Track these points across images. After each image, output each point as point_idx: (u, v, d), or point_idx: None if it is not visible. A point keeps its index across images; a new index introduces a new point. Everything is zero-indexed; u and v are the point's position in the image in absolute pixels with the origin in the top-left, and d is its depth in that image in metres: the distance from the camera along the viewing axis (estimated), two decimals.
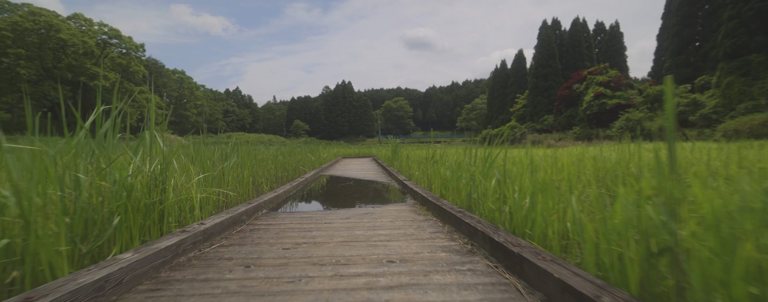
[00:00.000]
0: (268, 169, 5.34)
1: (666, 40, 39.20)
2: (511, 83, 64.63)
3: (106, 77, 35.42)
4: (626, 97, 36.00)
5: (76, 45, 32.33)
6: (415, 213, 3.14)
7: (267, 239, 2.16)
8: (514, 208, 1.92)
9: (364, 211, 3.22)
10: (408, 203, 3.80)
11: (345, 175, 7.00)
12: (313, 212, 3.22)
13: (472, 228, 2.01)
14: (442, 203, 2.86)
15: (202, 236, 1.90)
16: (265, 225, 2.62)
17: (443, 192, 3.66)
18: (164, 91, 70.37)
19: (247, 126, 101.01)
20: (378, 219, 2.82)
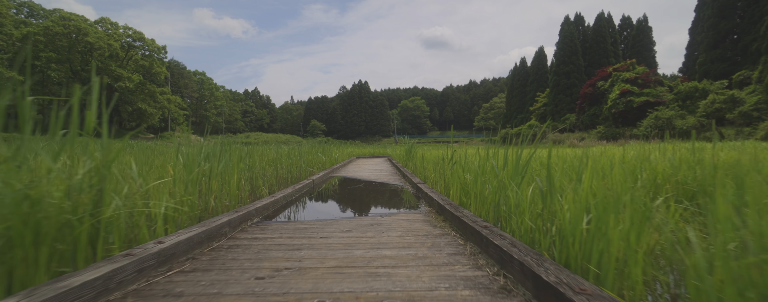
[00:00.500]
0: (270, 171, 4.96)
1: (700, 33, 36.95)
2: (531, 81, 62.79)
3: (130, 79, 36.43)
4: (655, 95, 34.11)
5: (102, 48, 33.34)
6: (429, 224, 2.66)
7: (242, 262, 1.73)
8: (566, 230, 1.40)
9: (369, 221, 2.76)
10: (422, 211, 3.31)
11: (356, 177, 6.57)
12: (311, 222, 2.78)
13: (504, 253, 1.52)
14: (462, 214, 2.36)
15: (154, 260, 1.48)
16: (250, 239, 2.20)
17: (463, 200, 3.15)
18: (185, 92, 72.29)
19: (265, 126, 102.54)
20: (385, 233, 2.35)
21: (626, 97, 35.11)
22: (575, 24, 50.40)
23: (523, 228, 1.77)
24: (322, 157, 7.92)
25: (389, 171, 7.89)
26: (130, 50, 38.93)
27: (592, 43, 47.60)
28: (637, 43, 45.71)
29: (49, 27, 30.59)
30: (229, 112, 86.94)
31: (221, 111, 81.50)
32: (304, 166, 6.08)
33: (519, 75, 68.12)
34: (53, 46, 31.17)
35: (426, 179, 5.63)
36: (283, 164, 5.69)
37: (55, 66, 31.32)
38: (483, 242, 1.82)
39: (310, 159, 7.00)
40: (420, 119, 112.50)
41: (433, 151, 10.90)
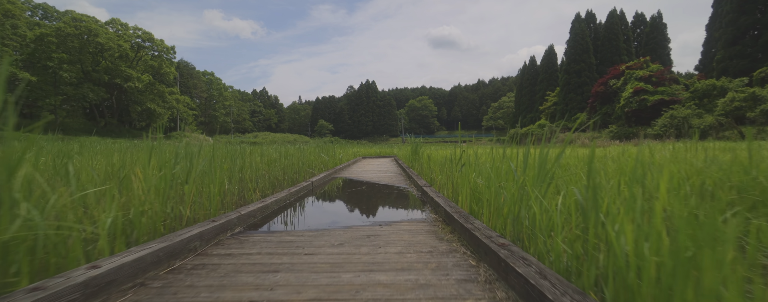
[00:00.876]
0: (267, 172, 4.65)
1: (717, 29, 35.75)
2: (540, 80, 61.77)
3: (139, 79, 36.70)
4: (670, 93, 33.09)
5: (112, 48, 33.63)
6: (435, 236, 2.30)
7: (199, 290, 1.39)
8: (623, 263, 1.01)
9: (366, 232, 2.41)
10: (427, 219, 2.95)
11: (359, 178, 6.22)
12: (300, 232, 2.44)
13: (531, 286, 1.15)
14: (473, 225, 2.00)
15: (79, 293, 1.15)
16: (222, 256, 1.86)
17: (474, 208, 2.77)
18: (194, 92, 72.96)
19: (273, 126, 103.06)
20: (382, 249, 2.00)
21: (640, 95, 34.14)
22: (586, 21, 49.34)
23: (555, 252, 1.39)
24: (325, 157, 7.59)
25: (394, 172, 7.53)
26: (140, 51, 39.27)
27: (604, 41, 46.52)
28: (650, 41, 44.51)
29: (61, 28, 30.95)
30: (238, 112, 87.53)
31: (230, 111, 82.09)
32: (304, 167, 5.76)
33: (528, 74, 67.12)
34: (65, 46, 31.54)
35: (432, 181, 5.26)
36: (282, 165, 5.38)
37: (67, 66, 31.68)
38: (501, 266, 1.45)
39: (311, 160, 6.68)
40: (428, 119, 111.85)
41: (440, 150, 10.49)
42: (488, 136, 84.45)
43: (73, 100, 33.18)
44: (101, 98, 34.01)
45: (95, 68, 34.49)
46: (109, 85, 36.48)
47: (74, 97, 32.54)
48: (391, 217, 3.21)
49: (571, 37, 48.10)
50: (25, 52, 30.48)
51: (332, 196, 4.81)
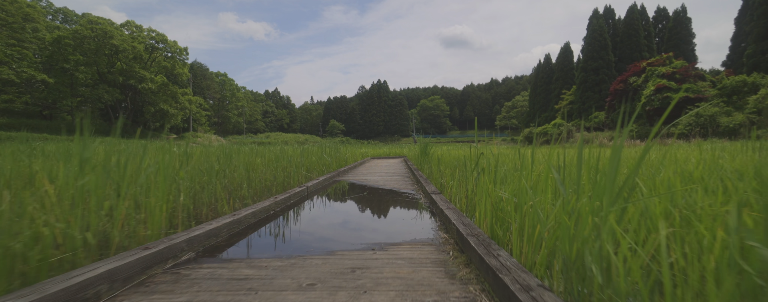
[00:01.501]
0: (258, 176, 4.10)
1: (749, 22, 33.84)
2: (555, 78, 60.06)
3: (153, 80, 37.06)
4: (696, 90, 31.41)
5: (127, 50, 33.99)
6: (444, 271, 1.67)
7: None
8: None
9: (351, 263, 1.80)
10: (434, 239, 2.33)
11: (362, 182, 5.62)
12: (264, 263, 1.84)
13: None
14: (499, 261, 1.39)
15: None
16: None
17: (497, 231, 2.12)
18: (208, 93, 73.89)
19: (285, 126, 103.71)
20: (366, 296, 1.40)
21: (662, 93, 32.57)
22: (604, 17, 47.64)
23: None
24: (328, 159, 7.03)
25: (402, 174, 6.92)
26: (154, 52, 39.70)
27: (623, 37, 44.77)
28: (674, 36, 42.56)
29: (78, 31, 31.40)
30: (250, 113, 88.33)
31: (242, 111, 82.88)
32: (302, 171, 5.20)
33: (543, 72, 65.41)
34: (81, 49, 32.02)
35: (442, 187, 4.63)
36: (280, 166, 4.84)
37: (84, 68, 32.17)
38: None
39: (312, 162, 6.13)
40: (440, 118, 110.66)
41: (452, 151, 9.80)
42: (501, 136, 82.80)
43: (89, 101, 33.72)
44: (116, 99, 34.45)
45: (110, 70, 34.95)
46: (123, 87, 36.99)
47: (90, 98, 33.04)
48: (389, 236, 2.60)
49: (589, 34, 46.49)
50: (44, 54, 31.08)
51: (326, 205, 4.23)
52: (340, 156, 8.50)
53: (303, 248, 2.24)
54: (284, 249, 2.22)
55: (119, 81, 35.12)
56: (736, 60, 36.39)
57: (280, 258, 1.94)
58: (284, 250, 2.18)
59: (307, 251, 2.14)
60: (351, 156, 10.76)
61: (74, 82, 31.71)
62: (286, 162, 5.22)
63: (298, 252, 2.09)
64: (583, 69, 46.38)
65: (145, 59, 38.15)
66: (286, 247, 2.27)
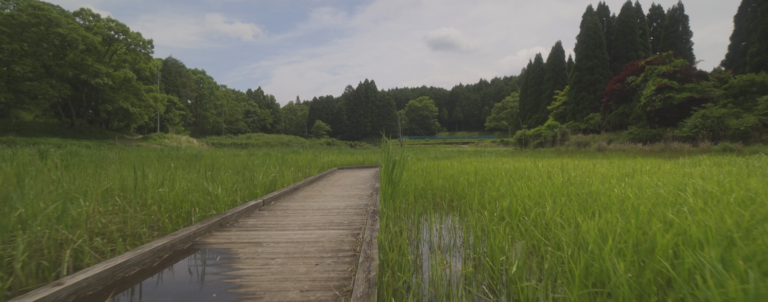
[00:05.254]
0: None
1: (750, 20, 32.23)
2: (547, 79, 58.22)
3: (110, 75, 33.30)
4: (700, 90, 29.52)
5: (76, 40, 30.21)
6: None
7: None
8: None
9: None
10: None
11: (236, 256, 2.79)
12: None
13: None
14: None
15: None
16: None
17: None
18: (183, 91, 69.59)
19: (268, 126, 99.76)
20: None
21: (664, 93, 30.60)
22: (598, 15, 45.88)
23: None
24: (215, 190, 4.07)
25: (356, 209, 4.13)
26: (113, 44, 35.86)
27: (618, 35, 43.05)
28: (670, 34, 40.96)
29: (14, 16, 27.55)
30: (230, 112, 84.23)
31: (221, 111, 78.77)
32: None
33: (534, 72, 63.64)
34: (21, 37, 28.15)
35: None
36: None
37: (25, 60, 28.24)
38: None
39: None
40: (428, 119, 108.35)
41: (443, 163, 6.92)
42: (491, 138, 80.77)
43: (30, 97, 29.77)
44: (64, 95, 30.56)
45: (58, 62, 31.04)
46: (77, 82, 33.09)
47: (30, 94, 29.10)
48: None
49: (583, 32, 44.63)
50: None
51: None
52: (255, 179, 5.50)
53: None
54: None
55: (69, 75, 31.20)
56: (736, 59, 34.82)
57: None
58: None
59: None
60: (303, 164, 7.81)
61: (11, 76, 27.73)
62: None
63: None
64: (577, 68, 44.46)
65: (101, 52, 34.26)
66: None
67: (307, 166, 8.25)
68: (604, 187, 3.29)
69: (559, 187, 3.39)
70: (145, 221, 2.79)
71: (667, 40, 40.88)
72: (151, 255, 2.07)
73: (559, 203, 2.68)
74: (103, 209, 2.97)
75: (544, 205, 2.81)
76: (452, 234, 2.88)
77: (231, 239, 2.66)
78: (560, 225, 2.19)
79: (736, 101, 27.19)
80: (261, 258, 2.22)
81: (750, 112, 25.23)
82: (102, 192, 3.28)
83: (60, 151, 10.61)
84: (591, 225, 1.81)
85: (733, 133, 24.15)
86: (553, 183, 3.64)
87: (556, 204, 2.70)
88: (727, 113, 25.61)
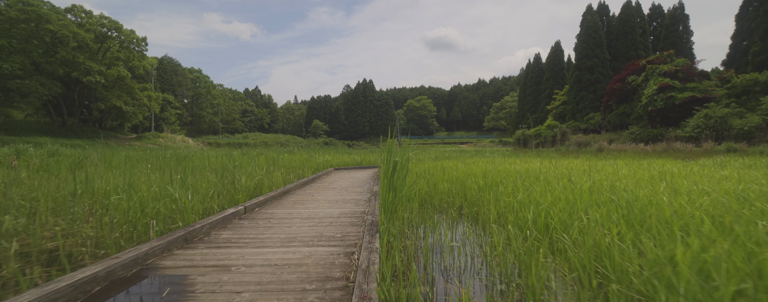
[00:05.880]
0: None
1: (752, 20, 31.92)
2: (546, 78, 57.85)
3: (102, 73, 32.60)
4: (702, 89, 29.17)
5: (66, 37, 29.50)
6: None
7: None
8: None
9: None
10: None
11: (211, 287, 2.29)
12: None
13: None
14: None
15: None
16: None
17: None
18: (179, 90, 68.76)
19: (265, 126, 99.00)
20: None
21: (666, 92, 30.24)
22: (598, 14, 45.52)
23: None
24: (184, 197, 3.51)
25: (351, 218, 3.61)
26: (106, 41, 35.12)
27: (618, 35, 42.70)
28: (670, 34, 40.63)
29: (2, 11, 26.84)
30: (227, 112, 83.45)
31: (218, 110, 77.97)
32: None
33: (533, 72, 63.27)
34: (9, 33, 27.45)
35: None
36: None
37: (13, 57, 27.52)
38: None
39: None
40: (426, 119, 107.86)
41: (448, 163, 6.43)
42: (489, 138, 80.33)
43: (20, 95, 29.04)
44: (54, 93, 29.83)
45: (48, 60, 30.31)
46: (68, 80, 32.37)
47: (20, 92, 28.37)
48: None
49: (583, 31, 44.26)
50: None
51: None
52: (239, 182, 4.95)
53: None
54: None
55: (59, 72, 30.46)
56: (737, 58, 34.52)
57: None
58: None
59: None
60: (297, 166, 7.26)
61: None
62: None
63: None
64: (577, 67, 44.08)
65: (93, 49, 33.55)
66: None
67: (300, 167, 7.70)
68: (643, 193, 2.78)
69: (587, 193, 2.87)
70: (95, 238, 2.25)
71: (667, 39, 40.56)
72: (68, 293, 1.53)
73: (598, 214, 2.17)
74: (50, 221, 2.42)
75: (577, 216, 2.29)
76: (469, 254, 2.35)
77: (193, 261, 2.12)
78: (622, 250, 1.66)
79: (739, 101, 26.83)
80: (223, 293, 1.68)
81: (753, 112, 24.87)
82: (59, 199, 2.74)
83: (39, 151, 10.02)
84: (688, 256, 1.28)
85: (736, 133, 23.77)
86: (578, 188, 3.12)
87: (596, 216, 2.18)
88: (730, 113, 25.24)
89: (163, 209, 2.72)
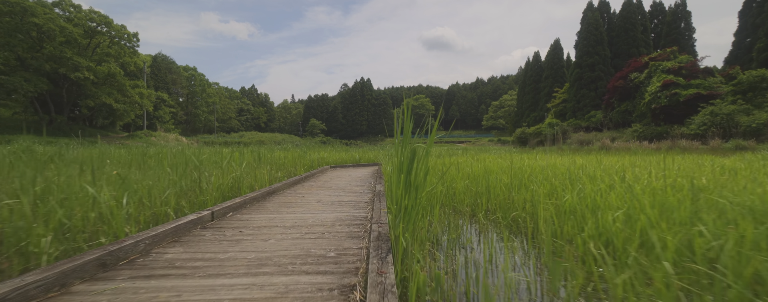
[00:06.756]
0: None
1: (757, 16, 31.37)
2: (545, 77, 57.24)
3: (91, 69, 31.58)
4: (707, 86, 28.56)
5: (54, 31, 28.47)
6: None
7: None
8: None
9: None
10: None
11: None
12: None
13: None
14: None
15: None
16: None
17: None
18: (174, 88, 67.62)
19: (262, 125, 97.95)
20: None
21: (670, 89, 29.61)
22: (599, 11, 44.91)
23: None
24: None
25: (349, 225, 2.82)
26: (95, 36, 34.05)
27: (619, 32, 42.12)
28: (672, 31, 40.08)
29: None
30: (223, 110, 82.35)
31: (213, 109, 76.86)
32: None
33: (532, 71, 62.68)
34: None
35: None
36: None
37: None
38: None
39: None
40: (424, 118, 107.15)
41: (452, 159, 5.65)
42: (488, 136, 79.73)
43: (6, 92, 27.99)
44: (40, 90, 28.78)
45: (34, 55, 29.24)
46: (56, 76, 31.32)
47: (5, 88, 27.32)
48: None
49: (583, 28, 43.63)
50: None
51: None
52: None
53: None
54: None
55: (46, 68, 29.40)
56: (740, 55, 34.01)
57: None
58: None
59: None
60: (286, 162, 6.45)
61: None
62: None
63: None
64: (577, 65, 43.47)
65: (82, 44, 32.51)
66: None
67: (292, 164, 6.91)
68: (749, 199, 2.01)
69: (679, 196, 2.10)
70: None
71: (669, 36, 40.01)
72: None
73: (736, 231, 1.40)
74: None
75: (684, 230, 1.50)
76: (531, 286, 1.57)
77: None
78: None
79: (745, 97, 26.24)
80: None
81: (761, 109, 24.28)
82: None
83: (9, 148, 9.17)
84: None
85: (743, 130, 23.16)
86: (649, 189, 2.33)
87: (721, 230, 1.41)
88: (736, 110, 24.63)
89: (78, 219, 1.92)
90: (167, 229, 2.19)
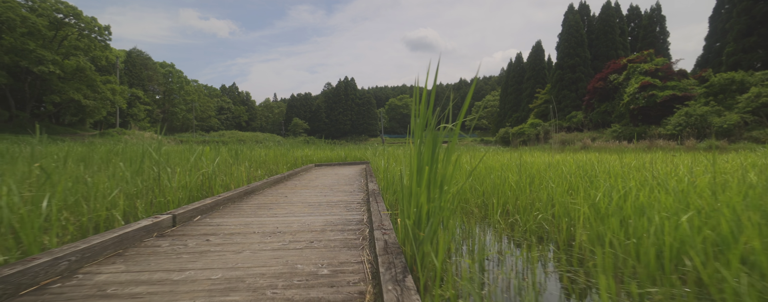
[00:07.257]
0: None
1: (726, 21, 32.70)
2: (527, 78, 58.18)
3: (57, 62, 29.65)
4: (682, 88, 29.54)
5: (13, 21, 26.51)
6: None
7: None
8: None
9: None
10: None
11: None
12: None
13: None
14: None
15: None
16: None
17: None
18: (150, 85, 64.90)
19: (243, 124, 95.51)
20: None
21: (648, 90, 30.48)
22: (580, 14, 45.94)
23: None
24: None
25: (342, 230, 2.37)
26: (62, 28, 32.01)
27: (598, 34, 43.18)
28: (648, 34, 41.40)
29: None
30: (202, 109, 79.70)
31: (192, 107, 74.26)
32: None
33: (514, 72, 63.58)
34: None
35: None
36: None
37: None
38: None
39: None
40: (408, 118, 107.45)
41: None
42: (472, 136, 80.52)
43: None
44: (3, 85, 26.78)
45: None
46: (17, 69, 29.21)
47: None
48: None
49: (564, 30, 44.50)
50: None
51: None
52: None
53: None
54: None
55: (5, 61, 27.38)
56: (711, 59, 35.42)
57: None
58: None
59: None
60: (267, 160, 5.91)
61: None
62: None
63: None
64: (559, 66, 44.29)
65: (48, 36, 30.52)
66: None
67: (273, 162, 6.37)
68: None
69: (729, 195, 1.76)
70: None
71: (645, 39, 41.30)
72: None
73: None
74: None
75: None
76: None
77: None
78: None
79: (716, 99, 27.25)
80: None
81: (731, 110, 25.24)
82: None
83: None
84: None
85: (716, 130, 23.99)
86: (691, 187, 1.99)
87: None
88: (709, 111, 25.51)
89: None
90: (107, 240, 1.68)
